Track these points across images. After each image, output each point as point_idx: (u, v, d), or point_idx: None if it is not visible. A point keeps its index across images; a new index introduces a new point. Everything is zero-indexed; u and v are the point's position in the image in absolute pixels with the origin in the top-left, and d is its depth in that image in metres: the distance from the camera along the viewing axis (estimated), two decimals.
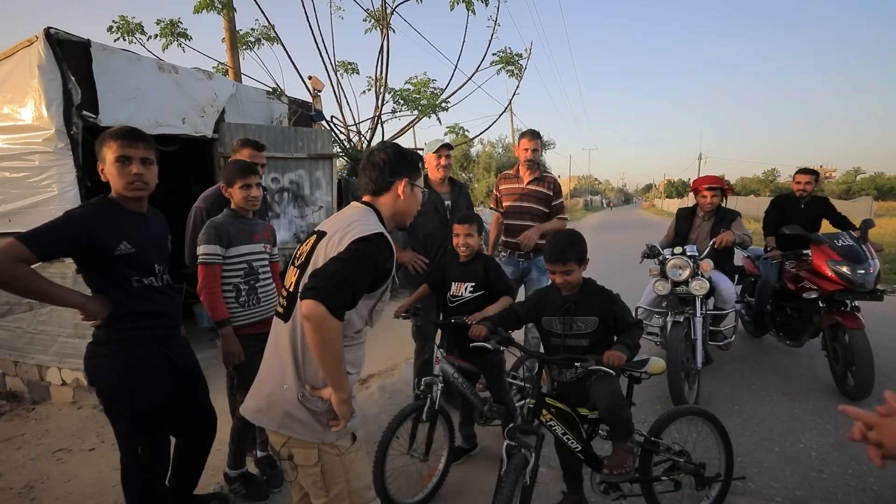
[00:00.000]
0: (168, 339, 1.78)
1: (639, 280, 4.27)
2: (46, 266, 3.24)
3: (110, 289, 1.62)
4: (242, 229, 2.17)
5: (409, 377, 3.17)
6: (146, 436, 1.71)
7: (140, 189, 1.65)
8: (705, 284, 3.17)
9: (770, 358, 4.09)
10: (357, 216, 1.35)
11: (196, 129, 4.01)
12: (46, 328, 3.42)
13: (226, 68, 6.36)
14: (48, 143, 3.10)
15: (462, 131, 6.73)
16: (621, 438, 1.81)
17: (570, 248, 1.86)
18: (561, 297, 1.93)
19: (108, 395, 1.67)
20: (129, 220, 1.66)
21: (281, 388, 1.28)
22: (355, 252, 1.21)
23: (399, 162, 1.43)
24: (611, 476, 1.77)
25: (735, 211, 3.71)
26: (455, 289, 2.41)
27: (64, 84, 3.10)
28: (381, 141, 1.51)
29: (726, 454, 2.11)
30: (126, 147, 1.59)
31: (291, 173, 4.71)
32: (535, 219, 3.18)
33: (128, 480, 1.73)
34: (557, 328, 1.92)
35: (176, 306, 1.81)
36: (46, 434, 3.04)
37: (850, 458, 2.54)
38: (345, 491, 1.30)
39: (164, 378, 1.73)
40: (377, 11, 6.26)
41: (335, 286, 1.14)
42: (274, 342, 1.37)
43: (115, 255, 1.59)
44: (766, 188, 47.29)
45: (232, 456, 2.25)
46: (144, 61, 3.74)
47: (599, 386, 1.82)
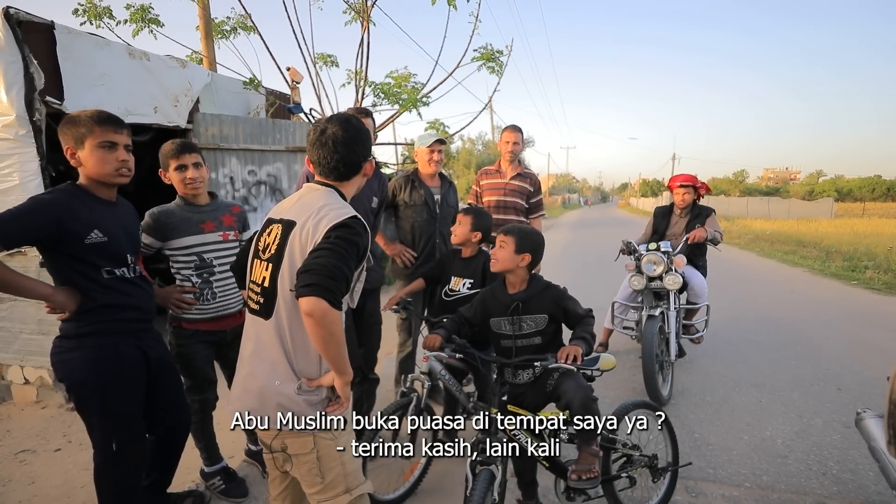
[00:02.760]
0: (141, 332, 1.71)
1: (615, 276, 4.36)
2: (7, 259, 3.08)
3: (79, 280, 1.54)
4: (188, 219, 1.98)
5: (390, 372, 3.15)
6: (121, 432, 1.64)
7: (126, 176, 1.60)
8: (678, 279, 3.26)
9: (739, 350, 4.25)
10: (323, 200, 1.30)
11: (169, 118, 3.88)
12: (7, 324, 3.26)
13: (200, 57, 6.16)
14: (8, 129, 2.94)
15: (443, 127, 6.70)
16: (588, 441, 1.73)
17: (525, 236, 1.82)
18: (507, 296, 1.85)
19: (79, 391, 1.60)
20: (100, 208, 1.58)
21: (273, 385, 1.26)
22: (338, 240, 1.19)
23: (364, 141, 1.37)
24: (580, 482, 1.68)
25: (710, 208, 3.82)
26: (454, 283, 2.42)
27: (25, 68, 2.93)
28: (333, 115, 1.44)
29: (672, 442, 2.11)
30: (112, 133, 1.54)
31: (269, 166, 4.61)
32: (519, 213, 3.23)
33: (101, 479, 1.66)
34: (507, 329, 1.84)
35: (150, 299, 1.74)
36: (8, 435, 2.89)
37: (812, 444, 2.67)
38: (340, 474, 1.30)
39: (138, 372, 1.67)
40: (357, 4, 6.17)
41: (331, 279, 1.13)
42: (254, 340, 1.32)
43: (85, 244, 1.50)
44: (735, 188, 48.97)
45: (204, 453, 2.20)
46: (113, 46, 3.59)
47: (570, 384, 1.73)
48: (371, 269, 2.54)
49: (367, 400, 2.66)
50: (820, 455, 2.56)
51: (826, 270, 8.33)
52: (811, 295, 6.58)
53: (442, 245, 2.83)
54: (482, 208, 2.94)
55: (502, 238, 1.83)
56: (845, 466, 2.46)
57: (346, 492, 1.32)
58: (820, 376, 3.64)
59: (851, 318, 5.28)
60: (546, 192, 48.95)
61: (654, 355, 3.06)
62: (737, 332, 4.75)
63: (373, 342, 2.69)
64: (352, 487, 1.33)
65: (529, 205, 3.28)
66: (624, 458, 1.96)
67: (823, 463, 2.49)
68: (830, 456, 2.56)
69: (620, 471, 1.94)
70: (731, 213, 25.98)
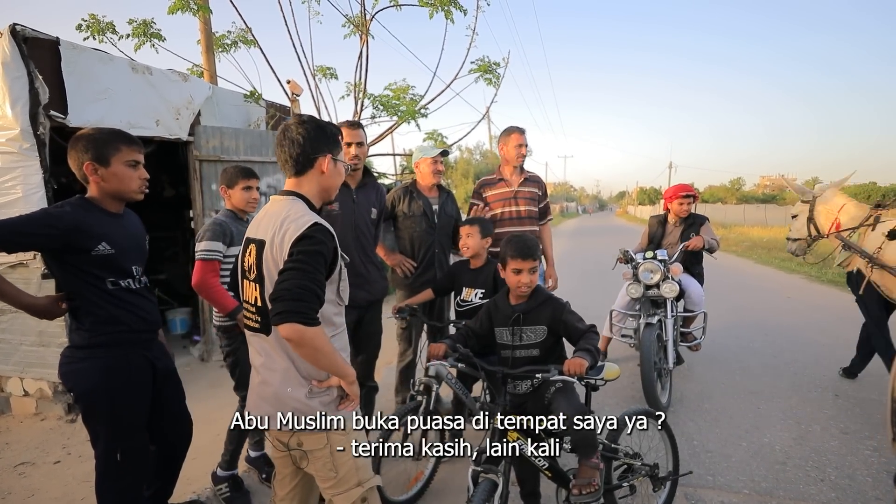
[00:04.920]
0: (148, 342, 1.74)
1: (614, 285, 4.38)
2: (9, 271, 3.11)
3: (84, 289, 1.58)
4: (242, 231, 2.16)
5: (390, 382, 3.16)
6: (127, 441, 1.67)
7: (144, 192, 1.72)
8: (675, 287, 3.29)
9: (737, 357, 4.27)
10: (284, 211, 1.31)
11: (171, 131, 3.93)
12: (7, 336, 3.26)
13: (201, 70, 6.24)
14: (12, 143, 2.98)
15: (441, 137, 6.75)
16: (587, 454, 1.74)
17: (537, 247, 1.85)
18: (510, 306, 1.87)
19: (88, 400, 1.63)
20: (109, 221, 1.63)
21: (285, 391, 1.33)
22: (301, 255, 1.23)
23: (319, 137, 1.37)
24: (581, 497, 1.68)
25: (703, 216, 3.87)
26: (466, 294, 2.47)
27: (30, 83, 2.99)
28: (296, 115, 1.50)
29: (673, 451, 2.12)
30: (137, 152, 1.67)
31: (269, 177, 4.65)
32: (534, 222, 3.08)
33: (102, 489, 1.67)
34: (507, 339, 1.87)
35: (154, 310, 1.78)
36: (7, 448, 2.89)
37: (810, 450, 2.68)
38: (352, 468, 1.37)
39: (145, 382, 1.70)
40: (356, 17, 6.27)
41: (299, 300, 1.18)
42: (261, 353, 1.38)
43: (91, 256, 1.55)
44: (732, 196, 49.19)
45: (227, 457, 2.25)
46: (116, 61, 3.64)
47: (561, 401, 1.74)
48: (374, 281, 2.58)
49: (366, 407, 2.67)
50: (818, 461, 2.57)
51: (823, 277, 8.37)
52: (808, 302, 6.61)
53: (441, 255, 2.85)
54: (481, 216, 2.94)
55: (537, 263, 1.86)
56: (843, 472, 2.47)
57: (358, 484, 1.38)
58: (818, 383, 3.66)
59: (849, 324, 5.28)
60: None
61: (653, 363, 3.08)
62: (735, 339, 4.77)
63: (371, 350, 2.72)
64: (363, 480, 1.40)
65: (538, 209, 3.16)
66: (625, 466, 1.96)
67: (822, 469, 2.50)
68: (829, 462, 2.57)
69: (621, 480, 1.94)
70: (727, 220, 26.09)
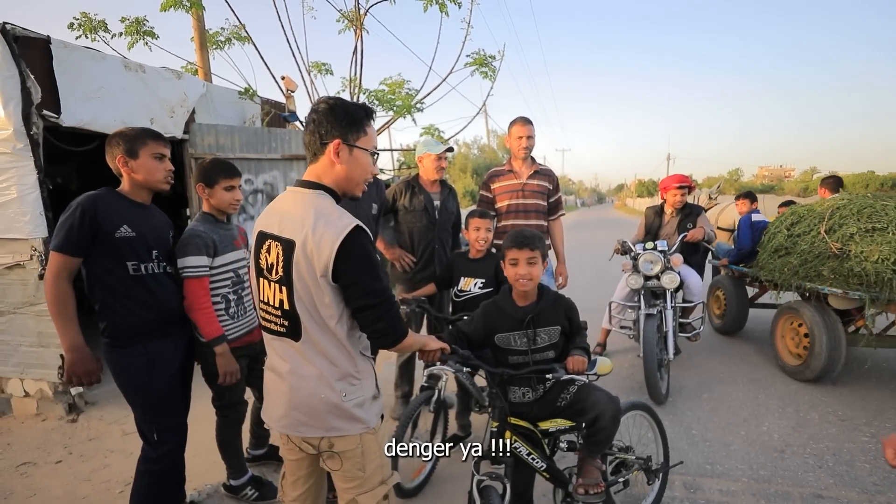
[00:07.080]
0: (169, 328, 1.84)
1: (612, 278, 4.39)
2: (6, 272, 3.10)
3: (107, 277, 1.68)
4: (225, 235, 2.01)
5: (389, 377, 3.17)
6: (162, 420, 1.82)
7: (170, 183, 1.84)
8: (676, 278, 3.29)
9: (735, 347, 4.28)
10: (314, 210, 1.20)
11: (165, 129, 3.90)
12: (6, 337, 3.26)
13: (195, 68, 6.20)
14: (6, 143, 2.96)
15: (437, 132, 6.73)
16: (595, 454, 1.69)
17: (537, 239, 1.74)
18: (518, 309, 1.75)
19: (123, 390, 1.78)
20: (134, 208, 1.75)
21: (319, 399, 1.27)
22: (357, 266, 1.20)
23: (331, 118, 1.21)
24: (588, 497, 1.62)
25: (699, 206, 3.87)
26: (464, 284, 2.44)
27: (22, 82, 2.96)
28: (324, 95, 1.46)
29: (663, 442, 2.13)
30: (163, 146, 1.79)
31: (265, 174, 4.63)
32: (540, 216, 2.99)
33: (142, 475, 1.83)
34: (520, 344, 1.73)
35: (176, 296, 1.86)
36: (8, 448, 2.89)
37: (808, 438, 2.70)
38: (378, 466, 1.36)
39: (174, 368, 1.85)
40: (350, 12, 6.22)
41: (389, 320, 1.27)
42: (288, 359, 1.29)
43: (115, 239, 1.66)
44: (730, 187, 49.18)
45: (233, 468, 2.20)
46: (109, 60, 3.61)
47: (599, 395, 1.68)
48: None
49: None
50: (816, 448, 2.59)
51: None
52: None
53: (441, 251, 2.84)
54: (484, 209, 2.86)
55: (535, 253, 1.70)
56: (841, 459, 2.48)
57: (381, 483, 1.37)
58: None
59: None
60: None
61: (654, 353, 3.09)
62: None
63: None
64: (386, 478, 1.39)
65: (549, 204, 3.05)
66: (618, 461, 1.95)
67: (820, 456, 2.52)
68: (826, 449, 2.58)
69: (615, 474, 1.92)
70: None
